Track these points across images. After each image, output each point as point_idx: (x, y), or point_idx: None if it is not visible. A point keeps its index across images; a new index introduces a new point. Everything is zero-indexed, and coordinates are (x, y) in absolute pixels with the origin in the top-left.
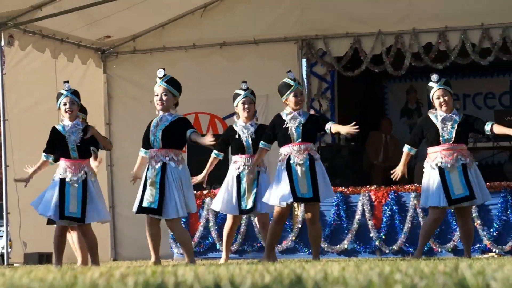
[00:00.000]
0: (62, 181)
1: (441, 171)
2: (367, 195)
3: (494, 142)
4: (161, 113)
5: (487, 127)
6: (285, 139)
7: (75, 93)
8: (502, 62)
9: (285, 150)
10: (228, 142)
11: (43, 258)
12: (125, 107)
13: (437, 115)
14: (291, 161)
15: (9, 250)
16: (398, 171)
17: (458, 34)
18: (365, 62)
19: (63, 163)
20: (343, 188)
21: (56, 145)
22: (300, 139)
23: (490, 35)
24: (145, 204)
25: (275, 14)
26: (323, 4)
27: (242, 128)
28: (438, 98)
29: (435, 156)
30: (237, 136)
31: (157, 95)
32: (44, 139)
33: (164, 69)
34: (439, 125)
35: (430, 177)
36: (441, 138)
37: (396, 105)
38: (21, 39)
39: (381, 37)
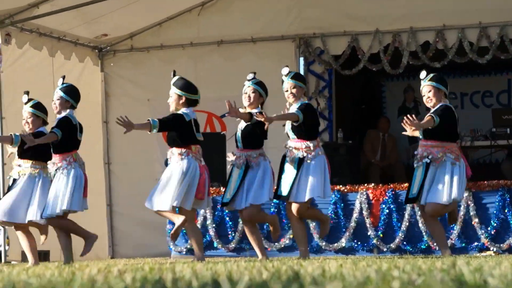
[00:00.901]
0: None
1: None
2: (364, 193)
3: (491, 141)
4: None
5: None
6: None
7: (63, 89)
8: (500, 61)
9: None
10: None
11: (40, 256)
12: (122, 105)
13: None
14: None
15: (7, 248)
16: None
17: (455, 32)
18: (363, 60)
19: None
20: (341, 186)
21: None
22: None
23: (488, 33)
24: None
25: (273, 13)
26: (321, 3)
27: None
28: (424, 95)
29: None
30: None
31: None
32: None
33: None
34: None
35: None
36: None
37: (394, 104)
38: (18, 37)
39: (378, 35)
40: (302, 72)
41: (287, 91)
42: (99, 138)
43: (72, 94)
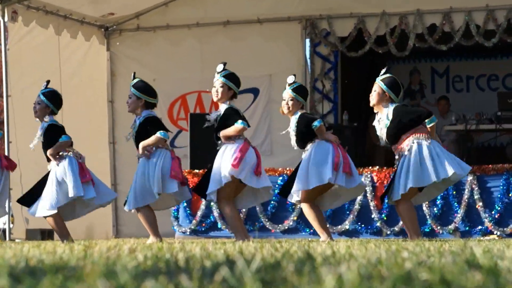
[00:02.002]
0: None
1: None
2: (369, 176)
3: (497, 124)
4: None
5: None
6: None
7: (46, 94)
8: (506, 44)
9: None
10: None
11: (45, 235)
12: (128, 85)
13: None
14: None
15: (11, 226)
16: None
17: (462, 15)
18: (369, 42)
19: None
20: None
21: None
22: None
23: (494, 16)
24: None
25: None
26: None
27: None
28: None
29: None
30: None
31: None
32: None
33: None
34: None
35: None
36: None
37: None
38: (25, 15)
39: (385, 17)
40: (308, 53)
41: (284, 100)
42: (104, 117)
43: (53, 100)
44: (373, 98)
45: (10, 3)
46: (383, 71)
